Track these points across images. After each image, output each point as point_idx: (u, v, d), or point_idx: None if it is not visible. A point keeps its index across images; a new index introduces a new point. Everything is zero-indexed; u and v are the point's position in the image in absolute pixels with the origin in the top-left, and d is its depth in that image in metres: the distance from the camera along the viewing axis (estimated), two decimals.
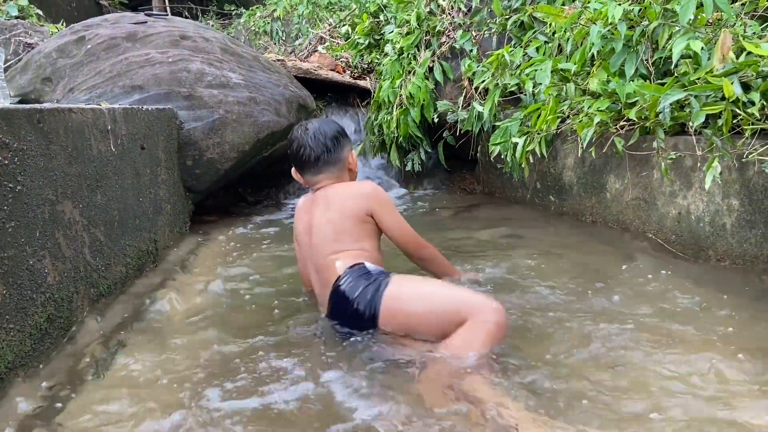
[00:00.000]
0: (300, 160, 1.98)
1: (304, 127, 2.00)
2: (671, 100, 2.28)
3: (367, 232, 1.91)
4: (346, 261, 1.83)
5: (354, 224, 1.88)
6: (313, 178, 2.00)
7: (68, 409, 1.46)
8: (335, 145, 1.98)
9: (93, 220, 2.04)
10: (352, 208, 1.89)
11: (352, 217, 1.88)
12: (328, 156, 1.96)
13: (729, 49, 2.15)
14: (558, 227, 3.10)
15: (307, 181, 2.02)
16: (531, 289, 2.19)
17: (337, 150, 1.98)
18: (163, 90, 3.30)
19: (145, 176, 2.64)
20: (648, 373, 1.52)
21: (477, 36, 4.03)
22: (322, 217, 1.90)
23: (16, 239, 1.55)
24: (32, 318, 1.61)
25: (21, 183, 1.59)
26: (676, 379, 1.48)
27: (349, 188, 1.97)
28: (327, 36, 6.13)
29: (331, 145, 1.96)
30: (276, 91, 3.82)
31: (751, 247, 2.19)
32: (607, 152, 2.83)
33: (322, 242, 1.88)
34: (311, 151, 1.95)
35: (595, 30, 2.72)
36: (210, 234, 3.31)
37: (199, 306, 2.18)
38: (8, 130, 1.55)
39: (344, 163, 2.02)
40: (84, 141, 2.03)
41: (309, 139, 1.95)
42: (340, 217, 1.87)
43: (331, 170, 1.99)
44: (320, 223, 1.90)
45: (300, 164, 2.00)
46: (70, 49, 3.61)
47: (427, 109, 4.12)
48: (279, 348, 1.78)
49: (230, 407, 1.45)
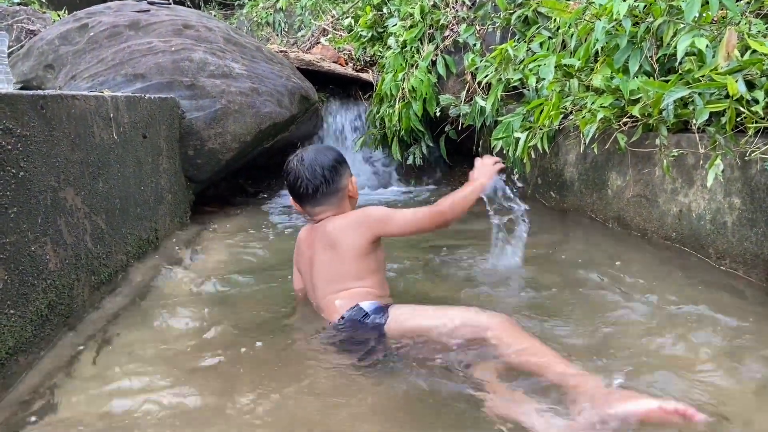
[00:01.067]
0: (297, 192, 1.88)
1: (299, 158, 1.88)
2: (675, 97, 2.28)
3: (369, 267, 1.83)
4: (345, 301, 1.77)
5: (357, 262, 1.81)
6: (312, 210, 1.90)
7: (66, 396, 1.46)
8: (333, 175, 1.86)
9: (94, 208, 2.04)
10: (354, 244, 1.80)
11: (355, 255, 1.80)
12: (326, 188, 1.85)
13: (734, 47, 2.14)
14: (557, 223, 3.10)
15: (307, 212, 1.93)
16: (529, 284, 2.20)
17: (336, 180, 1.87)
18: (165, 79, 3.29)
19: (146, 165, 2.64)
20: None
21: (481, 30, 4.02)
22: (324, 255, 1.83)
23: (18, 225, 1.55)
24: (33, 304, 1.61)
25: (24, 169, 1.59)
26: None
27: (348, 220, 1.85)
28: (330, 28, 6.11)
29: (329, 176, 1.85)
30: (278, 82, 3.81)
31: (751, 246, 2.19)
32: (609, 149, 2.83)
33: (324, 282, 1.83)
34: (308, 183, 1.84)
35: (599, 26, 2.71)
36: (210, 224, 3.31)
37: (199, 294, 2.18)
38: (11, 115, 1.55)
39: (344, 192, 1.91)
40: (87, 128, 2.03)
41: (306, 171, 1.84)
42: (341, 257, 1.80)
43: (330, 201, 1.88)
44: (322, 261, 1.84)
45: (298, 196, 1.90)
46: (72, 37, 3.60)
47: (430, 103, 4.11)
48: (280, 333, 1.78)
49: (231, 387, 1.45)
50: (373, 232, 1.82)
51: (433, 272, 2.41)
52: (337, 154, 1.94)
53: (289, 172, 1.89)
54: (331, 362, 1.62)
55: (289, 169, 1.89)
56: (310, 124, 4.44)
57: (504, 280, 2.26)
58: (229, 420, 1.36)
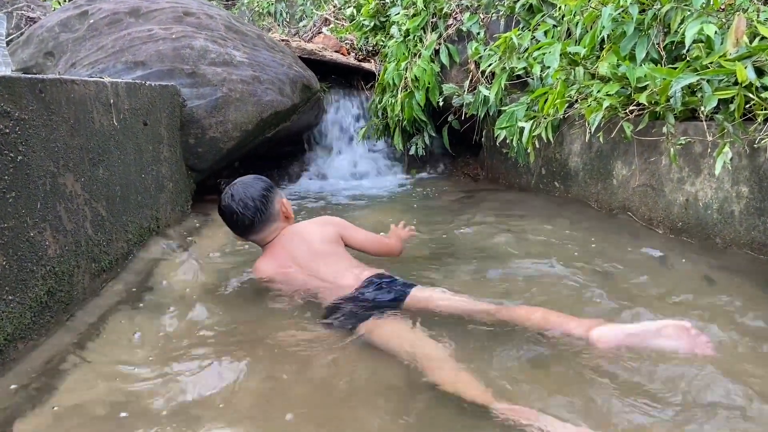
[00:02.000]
0: (236, 226, 2.03)
1: (229, 195, 2.02)
2: (683, 84, 2.25)
3: (351, 255, 2.05)
4: (362, 271, 1.92)
5: (340, 248, 2.04)
6: (256, 238, 2.06)
7: (66, 382, 1.45)
8: (264, 204, 2.01)
9: (95, 195, 2.02)
10: (327, 234, 2.03)
11: (335, 243, 2.04)
12: (261, 216, 2.01)
13: (743, 33, 2.10)
14: (563, 214, 3.07)
15: (252, 240, 2.09)
16: (536, 273, 2.17)
17: (268, 207, 2.02)
18: (165, 66, 3.26)
19: (147, 153, 2.61)
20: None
21: (484, 19, 3.97)
22: (303, 245, 1.99)
23: (16, 210, 1.52)
24: (32, 290, 1.59)
25: (22, 153, 1.57)
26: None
27: (311, 224, 2.09)
28: (332, 17, 6.07)
29: (260, 206, 2.00)
30: (280, 71, 3.78)
31: (759, 235, 2.16)
32: (614, 138, 2.80)
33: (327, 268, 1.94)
34: (243, 217, 2.00)
35: (606, 12, 2.67)
36: (211, 213, 3.29)
37: (199, 282, 2.17)
38: (9, 98, 1.52)
39: (278, 215, 2.06)
40: (86, 113, 2.00)
41: (238, 206, 1.99)
42: (328, 248, 2.00)
43: (268, 226, 2.04)
44: (316, 254, 1.97)
45: (238, 230, 2.05)
46: (72, 24, 3.57)
47: (432, 93, 4.07)
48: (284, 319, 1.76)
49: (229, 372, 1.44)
50: (337, 230, 2.07)
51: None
52: (264, 183, 2.08)
53: (224, 210, 2.04)
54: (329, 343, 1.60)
55: (222, 207, 2.04)
56: (312, 114, 4.40)
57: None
58: (230, 405, 1.34)
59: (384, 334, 1.63)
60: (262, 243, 2.08)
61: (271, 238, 2.05)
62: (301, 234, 2.05)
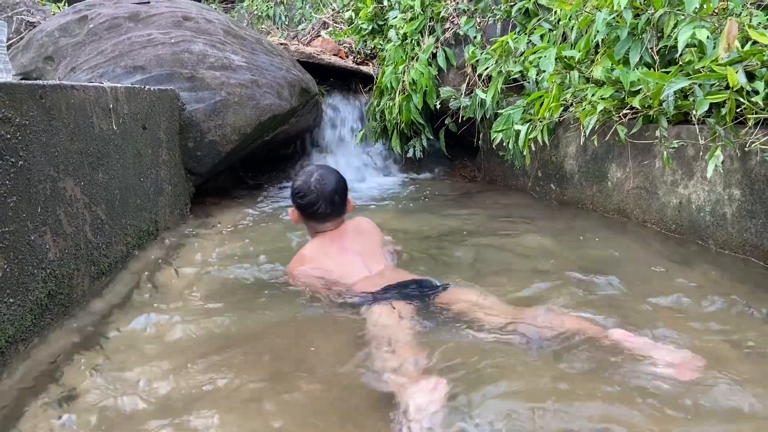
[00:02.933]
0: (314, 212, 2.10)
1: (317, 181, 2.09)
2: (675, 88, 2.27)
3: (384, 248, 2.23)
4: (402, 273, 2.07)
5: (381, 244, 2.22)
6: (318, 225, 2.15)
7: (65, 385, 1.47)
8: (343, 201, 2.14)
9: (94, 198, 2.04)
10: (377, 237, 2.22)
11: (381, 242, 2.22)
12: (339, 211, 2.13)
13: (735, 38, 2.13)
14: (558, 216, 3.10)
15: (310, 226, 2.17)
16: (527, 278, 2.20)
17: (346, 201, 2.15)
18: (165, 71, 3.29)
19: (146, 156, 2.64)
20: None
21: (481, 22, 4.00)
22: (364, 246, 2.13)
23: (17, 214, 1.55)
24: (33, 293, 1.62)
25: (23, 158, 1.59)
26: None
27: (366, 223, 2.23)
28: (330, 21, 6.10)
29: (340, 201, 2.11)
30: (278, 75, 3.80)
31: (751, 237, 2.19)
32: (609, 141, 2.83)
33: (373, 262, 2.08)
34: (326, 207, 2.08)
35: (600, 17, 2.70)
36: (210, 216, 3.31)
37: (198, 285, 2.19)
38: (10, 104, 1.55)
39: (346, 211, 2.19)
40: (86, 118, 2.03)
41: (326, 195, 2.07)
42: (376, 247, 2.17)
43: (338, 219, 2.16)
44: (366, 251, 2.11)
45: (310, 215, 2.12)
46: (72, 28, 3.59)
47: (430, 96, 4.10)
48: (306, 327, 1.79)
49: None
50: (381, 236, 2.25)
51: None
52: (345, 181, 2.18)
53: (308, 192, 2.08)
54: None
55: (309, 190, 2.09)
56: (311, 117, 4.43)
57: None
58: (233, 406, 1.37)
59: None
60: (319, 230, 2.15)
61: (330, 229, 2.14)
62: (355, 225, 2.19)
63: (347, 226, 2.18)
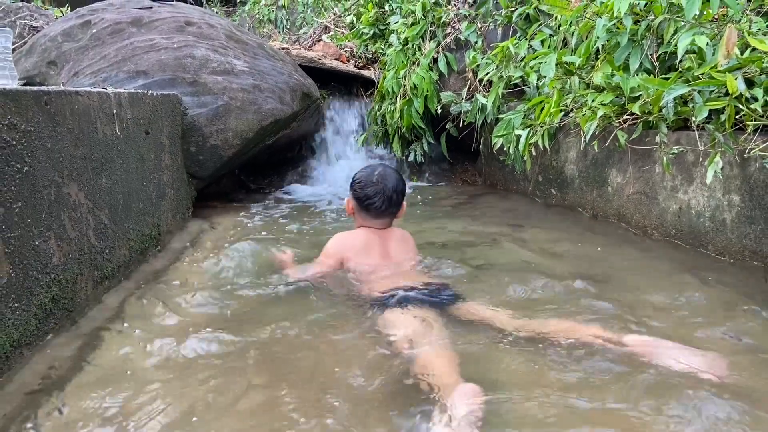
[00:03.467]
0: (370, 206, 2.17)
1: (381, 175, 2.18)
2: (675, 95, 2.29)
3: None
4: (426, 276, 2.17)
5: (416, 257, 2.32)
6: (372, 220, 2.22)
7: (67, 390, 1.48)
8: (399, 201, 2.22)
9: (98, 203, 2.06)
10: (414, 249, 2.32)
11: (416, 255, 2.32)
12: (394, 208, 2.21)
13: (734, 44, 2.15)
14: (557, 220, 3.11)
15: (363, 219, 2.23)
16: (529, 284, 2.21)
17: (399, 206, 2.23)
18: (167, 76, 3.31)
19: (149, 161, 2.65)
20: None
21: (482, 28, 4.03)
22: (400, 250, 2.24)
23: (22, 219, 1.56)
24: (37, 298, 1.63)
25: (28, 164, 1.61)
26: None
27: (406, 233, 2.33)
28: (332, 25, 6.12)
29: (396, 201, 2.20)
30: (280, 79, 3.82)
31: (750, 243, 2.20)
32: (609, 146, 2.84)
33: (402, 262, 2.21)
34: (383, 203, 2.16)
35: (600, 23, 2.72)
36: (212, 220, 3.33)
37: (202, 288, 2.20)
38: (16, 111, 1.57)
39: (398, 214, 2.27)
40: (90, 124, 2.04)
41: (387, 191, 2.16)
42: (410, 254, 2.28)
43: (389, 219, 2.24)
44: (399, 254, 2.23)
45: (367, 209, 2.19)
46: (75, 33, 3.62)
47: (431, 100, 4.12)
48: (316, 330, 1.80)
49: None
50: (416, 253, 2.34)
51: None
52: (405, 184, 2.28)
53: (368, 185, 2.17)
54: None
55: (368, 183, 2.18)
56: (312, 121, 4.45)
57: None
58: (242, 412, 1.38)
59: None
60: (368, 223, 2.23)
61: (379, 226, 2.22)
62: (401, 233, 2.29)
63: (395, 231, 2.27)
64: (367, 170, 2.23)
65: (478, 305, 1.92)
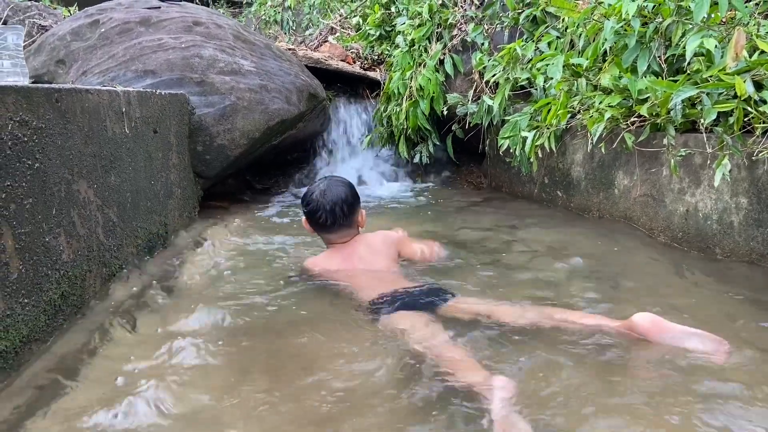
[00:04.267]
0: (317, 221, 2.16)
1: (321, 191, 2.14)
2: (683, 97, 2.29)
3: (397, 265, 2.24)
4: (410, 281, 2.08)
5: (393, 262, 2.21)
6: (327, 236, 2.21)
7: (75, 384, 1.49)
8: (350, 211, 2.15)
9: (106, 201, 2.07)
10: (389, 254, 2.20)
11: (392, 260, 2.21)
12: (343, 222, 2.15)
13: (742, 47, 2.15)
14: (563, 222, 3.11)
15: (321, 234, 2.23)
16: (535, 284, 2.21)
17: (352, 215, 2.17)
18: (175, 75, 3.32)
19: (156, 160, 2.66)
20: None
21: (489, 29, 4.03)
22: (373, 260, 2.15)
23: (33, 216, 1.57)
24: (47, 294, 1.64)
25: (39, 161, 1.62)
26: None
27: (376, 239, 2.23)
28: (338, 26, 6.13)
29: (347, 212, 2.14)
30: (287, 80, 3.83)
31: (758, 246, 2.20)
32: (616, 148, 2.84)
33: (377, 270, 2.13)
34: (328, 216, 2.12)
35: (608, 25, 2.72)
36: (218, 219, 3.34)
37: (206, 287, 2.21)
38: (28, 107, 1.58)
39: (355, 224, 2.22)
40: (100, 122, 2.05)
41: (326, 206, 2.12)
42: (386, 262, 2.17)
43: (345, 231, 2.19)
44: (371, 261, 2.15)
45: (317, 224, 2.18)
46: (83, 32, 3.63)
47: (437, 102, 4.12)
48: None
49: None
50: (396, 248, 2.25)
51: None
52: (353, 190, 2.22)
53: (310, 202, 2.16)
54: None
55: (311, 199, 2.16)
56: (318, 122, 4.46)
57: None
58: (248, 410, 1.38)
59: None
60: (330, 242, 2.22)
61: (341, 241, 2.20)
62: (367, 242, 2.21)
63: (359, 241, 2.21)
64: (312, 186, 2.21)
65: (472, 301, 1.91)
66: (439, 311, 1.85)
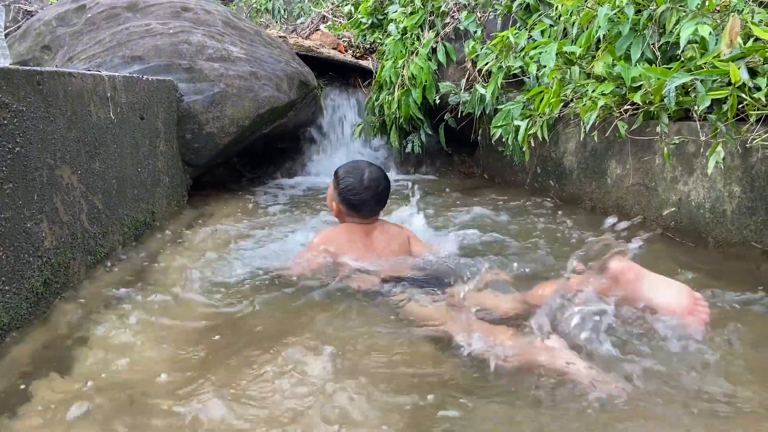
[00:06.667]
0: (360, 199, 2.15)
1: (372, 180, 2.14)
2: (677, 84, 2.27)
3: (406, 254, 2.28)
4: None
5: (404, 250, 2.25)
6: (357, 214, 2.19)
7: (61, 372, 1.46)
8: (388, 196, 2.22)
9: (91, 187, 2.02)
10: (402, 242, 2.25)
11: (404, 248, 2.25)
12: (383, 203, 2.22)
13: (737, 34, 2.13)
14: (556, 211, 3.09)
15: (350, 213, 2.19)
16: (532, 265, 2.19)
17: (387, 199, 2.24)
18: (163, 61, 3.26)
19: (143, 147, 2.62)
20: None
21: (482, 17, 3.99)
22: (386, 245, 2.20)
23: (13, 201, 1.53)
24: (29, 281, 1.60)
25: (20, 144, 1.57)
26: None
27: (394, 226, 2.30)
28: (329, 15, 6.08)
29: (386, 200, 2.21)
30: (277, 67, 3.78)
31: (750, 234, 2.18)
32: (609, 137, 2.82)
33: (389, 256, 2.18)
34: (373, 198, 2.15)
35: (602, 13, 2.69)
36: (207, 208, 3.30)
37: (196, 275, 2.17)
38: (8, 89, 1.53)
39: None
40: (83, 106, 2.01)
41: (378, 187, 2.14)
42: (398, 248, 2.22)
43: (376, 213, 2.23)
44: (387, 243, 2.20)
45: (355, 202, 2.15)
46: (70, 18, 3.57)
47: (429, 91, 4.09)
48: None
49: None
50: (408, 241, 2.29)
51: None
52: (389, 180, 2.25)
53: (360, 192, 2.14)
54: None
55: (360, 188, 2.14)
56: (309, 111, 4.41)
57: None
58: (236, 389, 1.36)
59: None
60: (355, 220, 2.21)
61: (365, 222, 2.21)
62: (386, 227, 2.26)
63: (379, 223, 2.25)
64: (355, 174, 2.17)
65: (472, 290, 1.92)
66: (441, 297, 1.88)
